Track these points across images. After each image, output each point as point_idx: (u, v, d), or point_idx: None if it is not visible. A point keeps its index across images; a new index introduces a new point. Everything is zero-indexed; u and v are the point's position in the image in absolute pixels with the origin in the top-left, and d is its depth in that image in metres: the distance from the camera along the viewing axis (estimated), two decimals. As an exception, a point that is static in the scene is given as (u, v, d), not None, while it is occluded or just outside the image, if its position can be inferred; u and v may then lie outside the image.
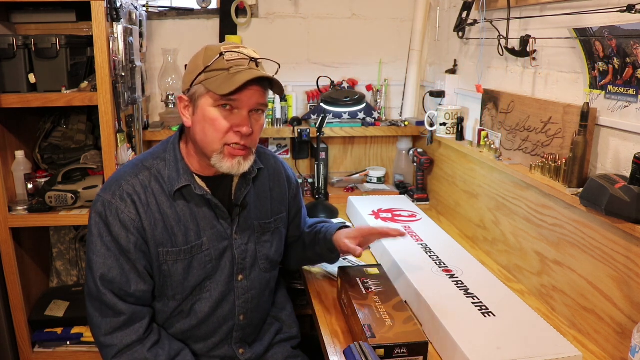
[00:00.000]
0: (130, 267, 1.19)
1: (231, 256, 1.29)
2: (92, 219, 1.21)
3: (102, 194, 1.22)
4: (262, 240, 1.36)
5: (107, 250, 1.18)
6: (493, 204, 1.72)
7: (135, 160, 1.29)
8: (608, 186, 1.11)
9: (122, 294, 1.19)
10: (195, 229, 1.25)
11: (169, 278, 1.24)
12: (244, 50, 1.19)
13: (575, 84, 1.36)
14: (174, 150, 1.27)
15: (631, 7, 1.09)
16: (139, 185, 1.22)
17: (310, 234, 1.49)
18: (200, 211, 1.26)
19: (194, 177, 1.25)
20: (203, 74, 1.17)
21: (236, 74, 1.14)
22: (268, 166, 1.41)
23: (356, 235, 1.37)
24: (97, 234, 1.19)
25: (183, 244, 1.24)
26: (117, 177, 1.24)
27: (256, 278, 1.34)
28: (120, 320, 1.18)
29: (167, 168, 1.25)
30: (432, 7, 2.32)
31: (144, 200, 1.21)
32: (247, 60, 1.17)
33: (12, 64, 1.68)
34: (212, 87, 1.15)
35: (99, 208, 1.20)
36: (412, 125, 2.35)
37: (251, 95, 1.17)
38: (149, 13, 2.24)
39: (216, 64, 1.16)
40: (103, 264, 1.18)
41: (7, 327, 1.87)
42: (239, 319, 1.32)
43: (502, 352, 1.09)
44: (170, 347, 1.24)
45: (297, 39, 2.40)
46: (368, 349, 1.06)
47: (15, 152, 1.85)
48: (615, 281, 1.17)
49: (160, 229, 1.22)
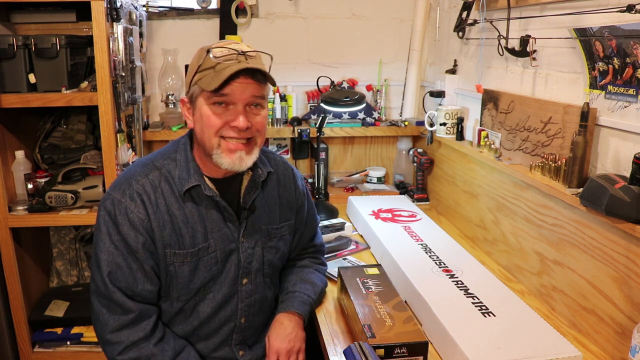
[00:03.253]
0: (137, 267, 1.19)
1: (237, 259, 1.29)
2: (101, 216, 1.20)
3: (112, 192, 1.21)
4: (268, 245, 1.35)
5: (115, 248, 1.18)
6: (493, 204, 1.72)
7: (145, 160, 1.28)
8: (608, 186, 1.11)
9: (130, 292, 1.19)
10: (202, 230, 1.24)
11: (174, 279, 1.23)
12: (234, 45, 1.18)
13: (575, 84, 1.36)
14: (185, 150, 1.26)
15: (631, 7, 1.09)
16: (149, 185, 1.21)
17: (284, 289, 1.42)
18: (209, 213, 1.25)
19: (204, 178, 1.24)
20: (197, 74, 1.17)
21: (224, 69, 1.13)
22: (278, 171, 1.40)
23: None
24: (105, 232, 1.18)
25: (190, 246, 1.23)
26: (127, 176, 1.23)
27: (260, 282, 1.34)
28: (128, 317, 1.18)
29: (177, 168, 1.24)
30: (432, 7, 2.32)
31: (153, 201, 1.20)
32: (236, 54, 1.16)
33: (12, 64, 1.69)
34: (204, 85, 1.15)
35: (108, 206, 1.19)
36: (412, 125, 2.35)
37: (243, 88, 1.16)
38: (149, 13, 2.24)
39: (205, 62, 1.16)
40: (111, 262, 1.17)
41: (7, 327, 1.88)
42: (240, 321, 1.32)
43: (502, 352, 1.09)
44: (175, 342, 1.24)
45: (297, 39, 2.40)
46: (368, 349, 1.06)
47: (15, 152, 1.85)
48: (615, 281, 1.17)
49: (168, 230, 1.21)
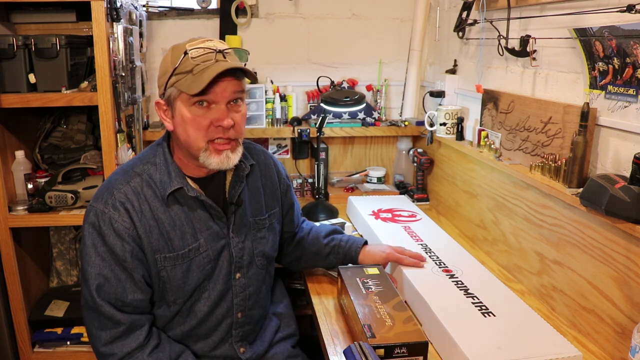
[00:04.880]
0: (126, 277, 1.18)
1: (228, 255, 1.29)
2: (85, 229, 1.19)
3: (94, 204, 1.20)
4: (258, 236, 1.35)
5: (102, 260, 1.17)
6: (493, 204, 1.72)
7: (125, 167, 1.26)
8: (608, 186, 1.11)
9: (119, 304, 1.18)
10: (191, 231, 1.24)
11: (168, 283, 1.23)
12: (209, 43, 1.17)
13: (575, 84, 1.36)
14: (164, 153, 1.25)
15: (631, 7, 1.09)
16: (132, 193, 1.20)
17: (328, 245, 1.50)
18: (195, 213, 1.25)
19: (186, 179, 1.24)
20: (173, 76, 1.16)
21: (204, 71, 1.12)
22: (259, 161, 1.41)
23: (384, 263, 1.48)
24: (91, 245, 1.17)
25: (180, 248, 1.23)
26: (108, 186, 1.22)
27: (253, 275, 1.34)
28: (119, 330, 1.17)
29: (158, 172, 1.23)
30: (432, 7, 2.32)
31: (137, 208, 1.19)
32: (214, 53, 1.15)
33: (12, 64, 1.69)
34: (184, 88, 1.14)
35: (92, 218, 1.18)
36: (412, 125, 2.35)
37: (224, 87, 1.15)
38: (149, 13, 2.24)
39: (183, 64, 1.14)
40: (98, 275, 1.16)
41: (7, 327, 1.88)
42: (237, 316, 1.32)
43: (502, 352, 1.09)
44: (171, 349, 1.24)
45: (297, 39, 2.40)
46: (368, 349, 1.06)
47: (15, 152, 1.85)
48: (615, 281, 1.17)
49: (155, 235, 1.20)
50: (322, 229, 1.56)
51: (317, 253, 1.51)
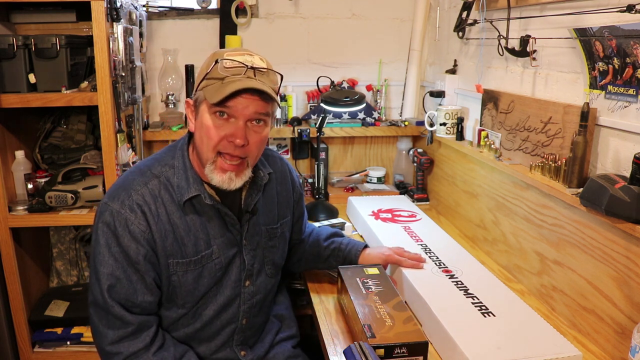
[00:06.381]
0: (137, 279, 1.17)
1: (240, 262, 1.29)
2: (99, 228, 1.17)
3: (110, 203, 1.18)
4: (269, 245, 1.35)
5: (114, 261, 1.16)
6: (493, 204, 1.72)
7: (142, 167, 1.25)
8: (608, 186, 1.11)
9: (129, 304, 1.17)
10: (205, 237, 1.23)
11: (178, 288, 1.22)
12: (247, 57, 1.16)
13: (575, 84, 1.36)
14: (183, 157, 1.24)
15: (631, 7, 1.09)
16: (149, 195, 1.18)
17: (328, 248, 1.50)
18: (210, 220, 1.24)
19: (204, 186, 1.22)
20: (204, 81, 1.16)
21: (230, 83, 1.12)
22: (275, 169, 1.40)
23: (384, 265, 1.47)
24: (104, 244, 1.16)
25: (193, 255, 1.22)
26: (124, 185, 1.20)
27: (262, 283, 1.34)
28: (128, 330, 1.17)
29: (176, 176, 1.22)
30: (432, 7, 2.32)
31: (154, 211, 1.18)
32: (245, 69, 1.14)
33: (12, 64, 1.68)
34: (207, 94, 1.14)
35: (107, 218, 1.16)
36: (412, 125, 2.35)
37: (247, 104, 1.13)
38: (149, 13, 2.24)
39: (213, 71, 1.15)
40: (110, 275, 1.15)
41: (7, 327, 1.87)
42: (241, 323, 1.32)
43: (502, 352, 1.09)
44: (175, 349, 1.24)
45: (297, 39, 2.40)
46: (368, 349, 1.06)
47: (15, 152, 1.85)
48: (615, 281, 1.17)
49: (170, 240, 1.19)
50: (322, 231, 1.56)
51: (317, 255, 1.51)
